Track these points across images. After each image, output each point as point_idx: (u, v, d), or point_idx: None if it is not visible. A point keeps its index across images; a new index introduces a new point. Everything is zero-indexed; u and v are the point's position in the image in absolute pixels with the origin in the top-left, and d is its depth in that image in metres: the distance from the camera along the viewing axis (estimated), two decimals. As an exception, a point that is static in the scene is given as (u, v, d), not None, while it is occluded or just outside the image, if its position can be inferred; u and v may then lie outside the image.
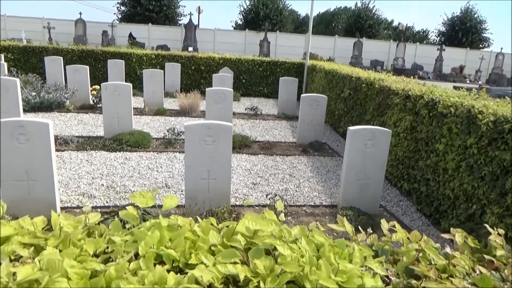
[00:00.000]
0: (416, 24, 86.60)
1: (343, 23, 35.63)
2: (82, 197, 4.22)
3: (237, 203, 4.35)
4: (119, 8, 28.59)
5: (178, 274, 0.97)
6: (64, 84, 9.72)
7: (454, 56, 29.50)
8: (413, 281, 1.06)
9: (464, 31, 31.70)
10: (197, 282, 0.89)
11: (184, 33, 25.53)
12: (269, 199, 4.03)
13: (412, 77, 7.32)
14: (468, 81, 26.56)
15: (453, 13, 33.31)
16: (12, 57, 11.25)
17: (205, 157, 3.85)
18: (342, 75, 8.08)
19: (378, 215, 4.25)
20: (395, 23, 41.49)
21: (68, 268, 0.85)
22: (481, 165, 3.48)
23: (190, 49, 23.98)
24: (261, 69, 12.73)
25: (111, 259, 0.99)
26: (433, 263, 1.22)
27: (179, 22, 30.24)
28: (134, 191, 4.50)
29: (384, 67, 27.81)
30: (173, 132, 6.54)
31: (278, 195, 4.14)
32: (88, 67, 9.05)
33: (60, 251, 1.03)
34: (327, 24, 41.60)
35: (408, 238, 1.31)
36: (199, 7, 30.21)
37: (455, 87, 9.78)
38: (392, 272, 1.07)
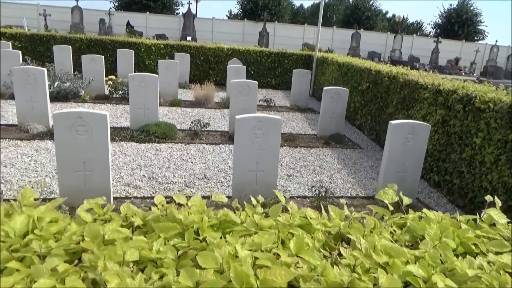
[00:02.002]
0: (410, 15, 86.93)
1: (340, 14, 35.62)
2: (128, 188, 4.28)
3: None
4: (115, -4, 28.15)
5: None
6: (72, 73, 9.64)
7: (449, 48, 29.80)
8: None
9: (460, 24, 32.02)
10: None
11: (182, 22, 25.27)
12: (314, 191, 4.14)
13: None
14: (463, 73, 26.86)
15: (450, 4, 33.56)
16: (19, 45, 11.08)
17: (254, 149, 3.93)
18: (359, 68, 8.19)
19: (414, 206, 4.41)
20: (389, 14, 41.67)
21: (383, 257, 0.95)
22: (524, 158, 3.64)
23: (189, 38, 23.77)
24: (269, 60, 12.76)
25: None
26: None
27: (176, 11, 29.93)
28: (175, 182, 4.58)
29: (382, 59, 27.98)
30: (198, 123, 6.58)
31: (324, 187, 4.26)
32: (103, 57, 8.99)
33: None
34: (322, 14, 41.49)
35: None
36: (196, -5, 29.86)
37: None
38: None
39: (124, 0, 27.72)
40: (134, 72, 10.92)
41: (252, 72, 12.68)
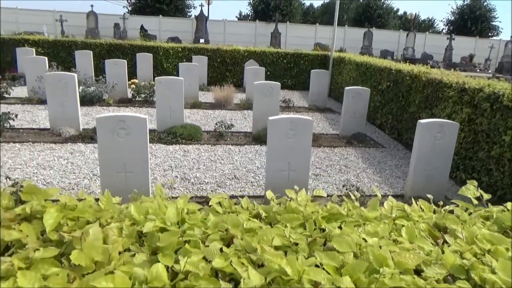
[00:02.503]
0: (421, 12, 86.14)
1: (351, 13, 35.56)
2: (163, 188, 4.41)
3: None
4: (129, 1, 28.55)
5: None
6: (94, 77, 9.88)
7: (463, 45, 29.52)
8: None
9: (473, 20, 31.70)
10: None
11: (195, 24, 25.53)
12: (346, 189, 4.22)
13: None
14: (478, 70, 26.60)
15: (463, 1, 33.18)
16: (42, 51, 11.37)
17: (286, 149, 4.04)
18: (378, 68, 8.23)
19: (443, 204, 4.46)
20: (400, 12, 41.46)
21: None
22: (556, 155, 3.67)
23: (202, 40, 24.00)
24: (285, 61, 12.86)
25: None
26: None
27: (189, 13, 30.24)
28: (207, 182, 4.71)
29: (395, 57, 27.85)
30: (222, 125, 6.71)
31: (354, 186, 4.34)
32: (126, 61, 9.19)
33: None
34: (332, 13, 41.51)
35: None
36: (208, -3, 30.09)
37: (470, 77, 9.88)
38: None
39: (138, 4, 28.09)
40: (154, 75, 11.12)
41: (269, 73, 12.78)
